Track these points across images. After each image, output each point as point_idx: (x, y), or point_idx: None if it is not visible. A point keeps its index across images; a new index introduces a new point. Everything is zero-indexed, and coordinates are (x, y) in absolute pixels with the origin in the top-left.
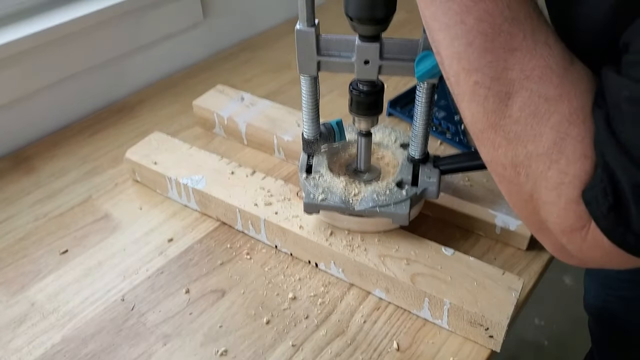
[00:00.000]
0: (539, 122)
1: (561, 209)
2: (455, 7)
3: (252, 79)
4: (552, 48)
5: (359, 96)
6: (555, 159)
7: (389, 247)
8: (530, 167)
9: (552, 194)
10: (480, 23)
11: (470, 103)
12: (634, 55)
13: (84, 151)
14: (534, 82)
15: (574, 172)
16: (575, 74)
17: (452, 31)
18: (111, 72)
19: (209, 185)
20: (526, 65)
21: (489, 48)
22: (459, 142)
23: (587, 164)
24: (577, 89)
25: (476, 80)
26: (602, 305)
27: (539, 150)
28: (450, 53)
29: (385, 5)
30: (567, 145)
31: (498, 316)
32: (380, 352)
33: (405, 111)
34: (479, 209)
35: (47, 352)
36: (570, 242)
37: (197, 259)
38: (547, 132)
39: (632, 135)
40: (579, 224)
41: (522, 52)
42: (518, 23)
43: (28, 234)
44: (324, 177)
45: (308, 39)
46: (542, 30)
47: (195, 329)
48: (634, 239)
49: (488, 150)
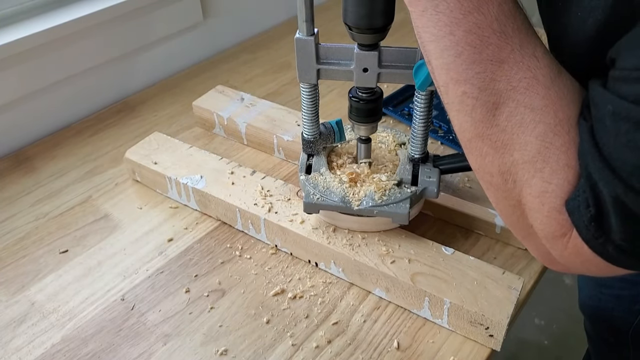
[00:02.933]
0: (524, 132)
1: (544, 216)
2: (445, 19)
3: (252, 80)
4: (539, 60)
5: (358, 103)
6: (539, 168)
7: (389, 246)
8: (516, 174)
9: (536, 201)
10: (468, 35)
11: (458, 112)
12: (619, 72)
13: (84, 151)
14: (521, 93)
15: (557, 181)
16: (562, 86)
17: (442, 42)
18: (111, 72)
19: (209, 185)
20: (513, 77)
21: (477, 60)
22: (451, 141)
23: (570, 173)
24: (562, 100)
25: (464, 90)
26: (597, 305)
27: (525, 158)
28: (440, 63)
29: (383, 15)
30: (551, 154)
31: (498, 315)
32: (381, 352)
33: (397, 110)
34: (479, 208)
35: (47, 352)
36: (553, 249)
37: (197, 259)
38: (532, 141)
39: (615, 149)
40: (560, 232)
41: (509, 64)
42: (506, 36)
43: (28, 233)
44: (324, 176)
45: (307, 47)
46: (530, 42)
47: (195, 329)
48: (614, 248)
49: (476, 159)
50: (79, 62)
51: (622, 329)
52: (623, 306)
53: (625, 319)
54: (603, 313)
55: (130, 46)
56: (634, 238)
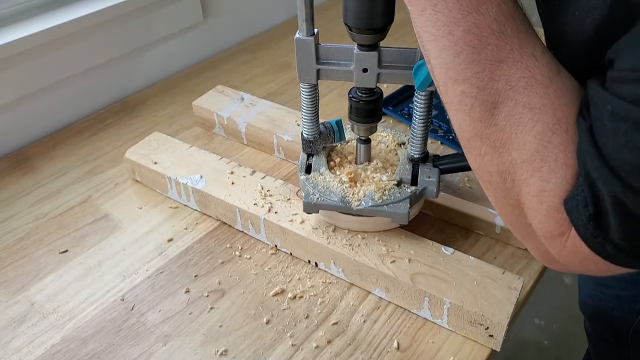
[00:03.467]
0: (522, 131)
1: (542, 215)
2: (444, 18)
3: (252, 79)
4: (538, 59)
5: (358, 103)
6: (537, 167)
7: (389, 246)
8: (515, 173)
9: (535, 200)
10: (467, 35)
11: (457, 112)
12: (617, 72)
13: (84, 151)
14: (519, 92)
15: (555, 180)
16: (561, 85)
17: (441, 42)
18: (111, 72)
19: (209, 185)
20: (512, 77)
21: (476, 59)
22: (451, 141)
23: (568, 172)
24: (561, 99)
25: (463, 90)
26: (597, 305)
27: (523, 157)
28: (439, 63)
29: (383, 15)
30: (550, 153)
31: (498, 315)
32: (381, 352)
33: (397, 110)
34: (479, 208)
35: (47, 352)
36: (552, 248)
37: (196, 259)
38: (530, 140)
39: (614, 149)
40: (559, 231)
41: (508, 64)
42: (505, 36)
43: (28, 233)
44: (324, 176)
45: (307, 47)
46: (529, 42)
47: (195, 329)
48: (612, 247)
49: (475, 158)
50: (79, 62)
51: (622, 329)
52: (623, 306)
53: (625, 319)
54: (603, 313)
55: (130, 46)
56: (633, 237)
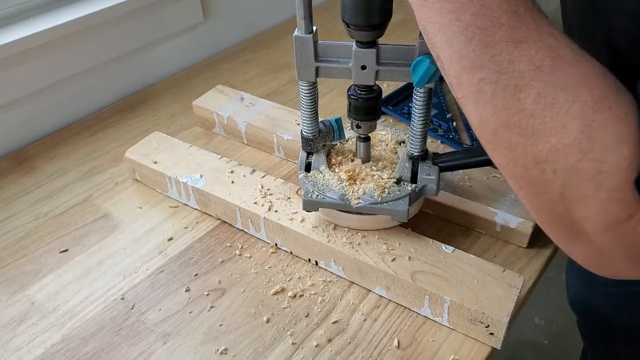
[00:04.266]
0: (558, 113)
1: (603, 200)
2: (449, 5)
3: (252, 79)
4: (559, 40)
5: (357, 101)
6: (586, 148)
7: (389, 244)
8: (557, 161)
9: (590, 186)
10: (477, 18)
11: (476, 104)
12: None
13: (83, 151)
14: (546, 72)
15: (612, 158)
16: (590, 65)
17: (449, 30)
18: (111, 72)
19: (209, 184)
20: (534, 56)
21: (490, 42)
22: (451, 140)
23: (625, 149)
24: (594, 78)
25: (481, 77)
26: (586, 302)
27: (565, 141)
28: (450, 53)
29: (381, 12)
30: (596, 132)
31: (498, 313)
32: (381, 350)
33: (397, 109)
34: (479, 206)
35: (47, 351)
36: (616, 238)
37: (197, 258)
38: (569, 122)
39: None
40: (626, 214)
41: (528, 43)
42: (519, 16)
43: (28, 233)
44: (323, 174)
45: (306, 45)
46: (545, 23)
47: (195, 328)
48: None
49: (504, 153)
50: (79, 61)
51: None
52: (611, 303)
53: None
54: (592, 310)
55: (130, 46)
56: None
